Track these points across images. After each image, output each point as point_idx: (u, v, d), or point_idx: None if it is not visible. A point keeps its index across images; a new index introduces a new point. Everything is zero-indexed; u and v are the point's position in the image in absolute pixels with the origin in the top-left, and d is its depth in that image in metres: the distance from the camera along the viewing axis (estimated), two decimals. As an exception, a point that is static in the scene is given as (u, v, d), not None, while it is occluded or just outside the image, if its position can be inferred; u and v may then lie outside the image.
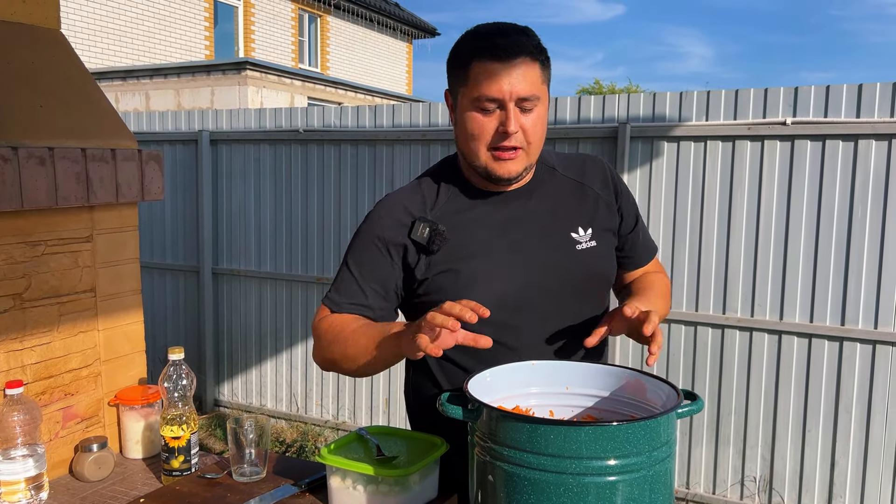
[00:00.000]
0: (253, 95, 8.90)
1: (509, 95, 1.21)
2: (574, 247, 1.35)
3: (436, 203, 1.36)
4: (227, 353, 4.75)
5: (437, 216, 1.34)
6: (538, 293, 1.33)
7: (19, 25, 1.64)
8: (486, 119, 1.24)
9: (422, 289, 1.35)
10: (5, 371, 1.52)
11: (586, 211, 1.39)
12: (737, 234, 3.36)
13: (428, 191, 1.38)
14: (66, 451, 1.66)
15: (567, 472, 0.95)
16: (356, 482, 1.34)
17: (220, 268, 4.67)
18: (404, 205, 1.36)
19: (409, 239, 1.32)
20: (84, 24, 11.35)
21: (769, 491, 3.40)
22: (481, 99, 1.23)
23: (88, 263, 1.68)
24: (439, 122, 3.93)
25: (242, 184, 4.55)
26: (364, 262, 1.36)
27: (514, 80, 1.21)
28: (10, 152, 1.44)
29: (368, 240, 1.36)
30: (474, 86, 1.23)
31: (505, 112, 1.23)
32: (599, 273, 1.40)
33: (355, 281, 1.36)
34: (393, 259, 1.34)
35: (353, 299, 1.36)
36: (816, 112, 3.18)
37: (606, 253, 1.40)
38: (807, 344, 3.28)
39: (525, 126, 1.24)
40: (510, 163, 1.27)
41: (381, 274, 1.35)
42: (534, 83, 1.23)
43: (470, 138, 1.27)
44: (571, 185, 1.41)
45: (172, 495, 1.44)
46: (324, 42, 16.11)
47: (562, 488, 0.95)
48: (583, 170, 1.43)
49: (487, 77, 1.21)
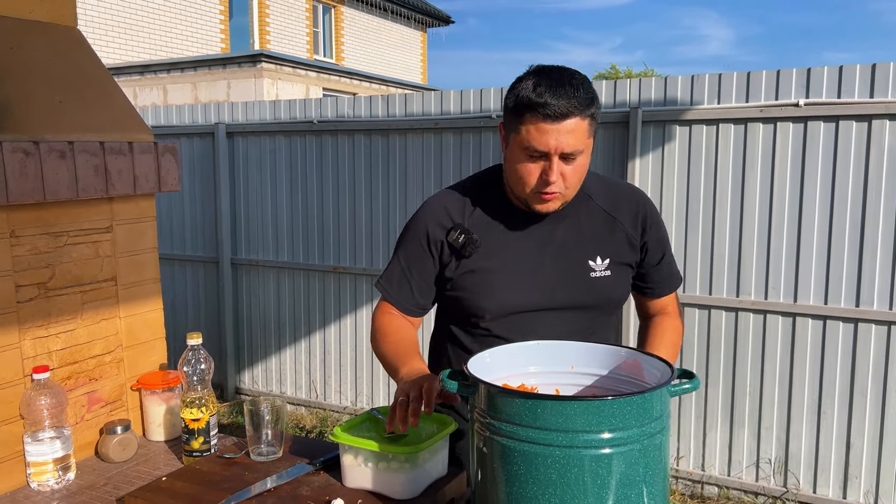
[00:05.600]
0: (268, 87, 8.97)
1: (554, 150, 1.35)
2: (589, 273, 1.50)
3: (474, 211, 1.52)
4: (248, 342, 4.84)
5: (473, 223, 1.50)
6: (548, 307, 1.49)
7: (37, 23, 1.69)
8: (532, 166, 1.38)
9: (449, 286, 1.53)
10: (32, 357, 1.59)
11: (608, 243, 1.52)
12: (750, 217, 3.35)
13: (470, 195, 1.54)
14: (91, 433, 1.73)
15: (561, 445, 0.98)
16: (367, 459, 1.39)
17: (239, 258, 4.75)
18: (447, 209, 1.53)
19: (447, 240, 1.49)
20: (102, 20, 11.48)
21: (784, 472, 3.41)
22: (529, 149, 1.36)
23: (109, 253, 1.74)
24: (451, 110, 3.96)
25: (259, 175, 4.61)
26: (412, 259, 1.54)
27: (561, 137, 1.33)
28: (31, 146, 1.50)
29: (416, 237, 1.54)
30: (525, 136, 1.36)
31: (549, 163, 1.36)
32: (608, 299, 1.54)
33: (405, 277, 1.55)
34: (433, 256, 1.52)
35: (404, 294, 1.56)
36: (829, 93, 3.16)
37: (619, 282, 1.54)
38: (821, 326, 3.28)
39: (565, 173, 1.38)
40: (549, 203, 1.43)
41: (426, 270, 1.54)
42: (579, 139, 1.35)
43: (517, 180, 1.42)
44: (602, 216, 1.53)
45: (192, 474, 1.49)
46: (338, 32, 16.14)
47: (556, 461, 0.99)
48: (617, 203, 1.55)
49: (538, 133, 1.34)
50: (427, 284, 1.55)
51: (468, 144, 3.91)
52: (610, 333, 1.61)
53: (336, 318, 4.48)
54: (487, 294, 1.48)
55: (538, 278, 1.48)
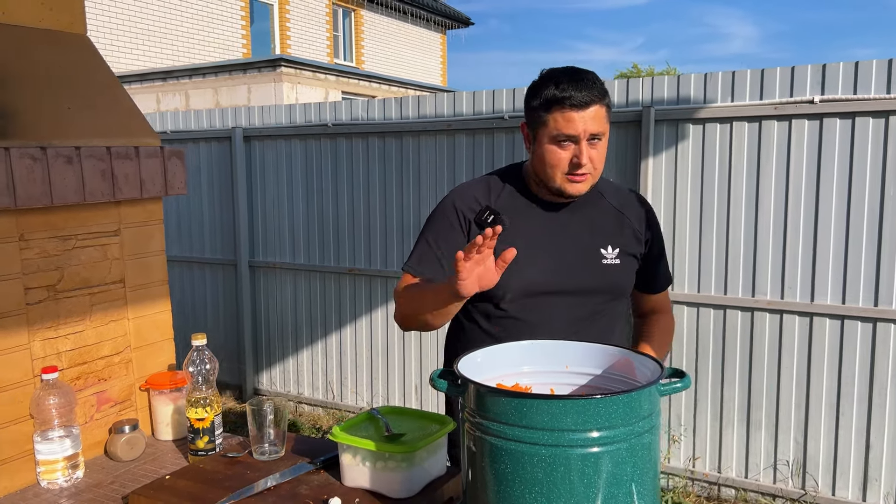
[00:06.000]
0: (288, 92, 9.05)
1: (583, 133, 1.51)
2: (601, 260, 1.63)
3: (499, 196, 1.65)
4: (266, 343, 4.89)
5: (498, 207, 1.62)
6: (563, 290, 1.61)
7: (47, 31, 1.73)
8: (562, 152, 1.53)
9: None
10: (42, 358, 1.62)
11: (618, 234, 1.66)
12: (765, 216, 3.32)
13: (493, 185, 1.68)
14: (100, 432, 1.76)
15: (547, 444, 0.98)
16: (365, 459, 1.40)
17: (257, 261, 4.80)
18: (474, 194, 1.66)
19: (474, 221, 1.61)
20: (125, 28, 11.67)
21: (803, 474, 3.36)
22: (560, 137, 1.52)
23: (117, 256, 1.78)
24: (464, 111, 3.97)
25: (275, 178, 4.66)
26: (440, 235, 1.64)
27: (587, 122, 1.50)
28: (38, 152, 1.54)
29: (444, 216, 1.65)
30: (554, 126, 1.52)
31: (578, 147, 1.52)
32: (617, 284, 1.67)
33: (432, 252, 1.63)
34: (462, 231, 1.63)
35: (432, 268, 1.62)
36: (845, 89, 3.12)
37: (627, 271, 1.67)
38: (839, 326, 3.23)
39: (593, 157, 1.54)
40: (580, 184, 1.57)
41: (455, 244, 1.59)
42: (601, 122, 1.52)
43: (549, 166, 1.56)
44: (612, 211, 1.68)
45: (196, 473, 1.52)
46: (358, 36, 16.24)
47: (543, 460, 0.99)
48: (624, 202, 1.71)
49: (566, 121, 1.50)
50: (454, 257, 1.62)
51: (481, 145, 3.92)
52: (619, 319, 1.71)
53: (352, 320, 4.51)
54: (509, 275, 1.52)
55: (555, 263, 1.60)
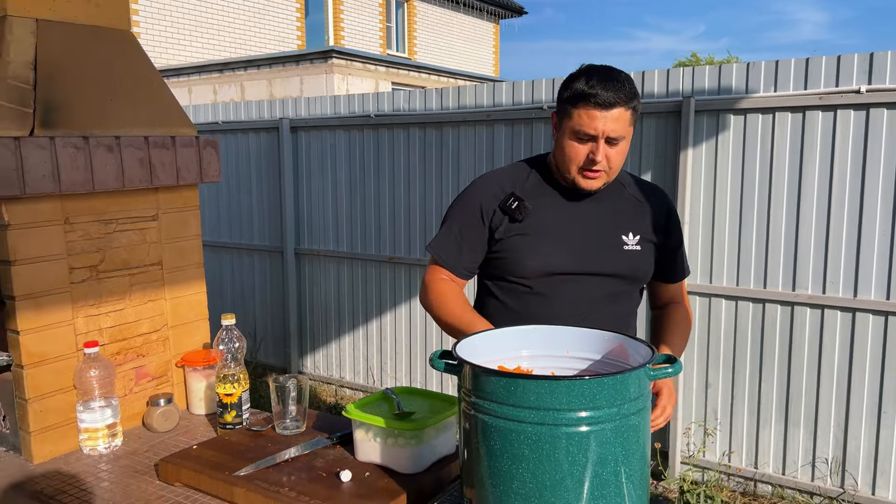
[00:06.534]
0: (339, 83, 9.20)
1: (602, 133, 1.54)
2: (622, 247, 1.68)
3: (525, 184, 1.71)
4: (310, 328, 5.03)
5: (524, 194, 1.68)
6: (584, 271, 1.65)
7: (93, 28, 1.84)
8: (581, 147, 1.58)
9: (497, 246, 1.69)
10: (84, 333, 1.74)
11: (638, 223, 1.71)
12: (807, 209, 3.24)
13: (520, 173, 1.74)
14: (139, 405, 1.88)
15: (532, 421, 1.03)
16: (376, 435, 1.47)
17: (302, 248, 4.94)
18: (499, 182, 1.72)
19: (499, 207, 1.67)
20: (186, 21, 12.05)
21: (842, 473, 3.29)
22: (579, 133, 1.56)
23: (155, 240, 1.89)
24: (503, 101, 3.99)
25: (320, 168, 4.77)
26: (464, 224, 1.71)
27: (608, 123, 1.54)
28: (81, 141, 1.65)
29: (468, 205, 1.72)
30: (577, 121, 1.56)
31: (596, 144, 1.56)
32: (637, 269, 1.71)
33: (452, 238, 1.72)
34: (484, 223, 1.69)
35: (455, 258, 1.72)
36: (893, 79, 3.02)
37: (646, 257, 1.71)
38: (883, 322, 3.14)
39: (609, 156, 1.58)
40: (593, 181, 1.62)
41: (475, 235, 1.70)
42: (622, 126, 1.55)
43: (566, 159, 1.61)
44: (633, 201, 1.73)
45: (221, 444, 1.61)
46: (410, 27, 16.33)
47: (528, 437, 1.03)
48: (645, 193, 1.76)
49: (588, 118, 1.54)
50: (476, 250, 1.71)
51: (519, 136, 3.94)
52: (633, 305, 1.76)
53: (392, 307, 4.60)
54: (532, 255, 1.64)
55: (577, 246, 1.66)
